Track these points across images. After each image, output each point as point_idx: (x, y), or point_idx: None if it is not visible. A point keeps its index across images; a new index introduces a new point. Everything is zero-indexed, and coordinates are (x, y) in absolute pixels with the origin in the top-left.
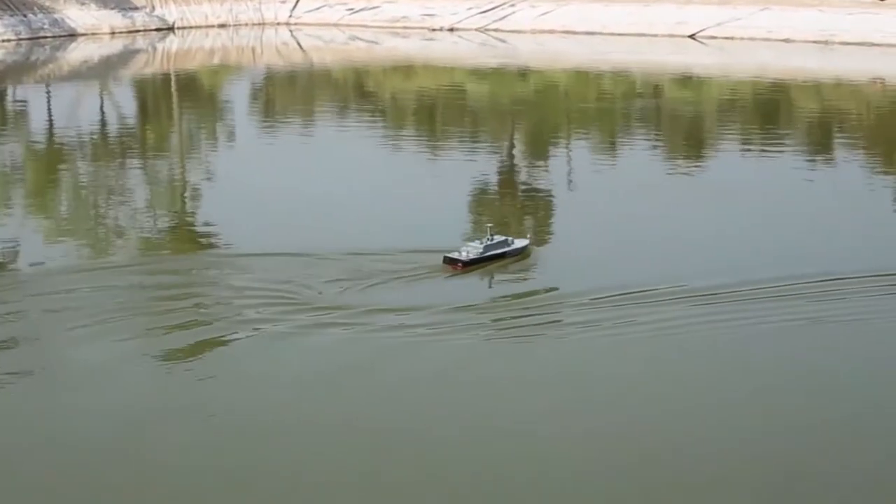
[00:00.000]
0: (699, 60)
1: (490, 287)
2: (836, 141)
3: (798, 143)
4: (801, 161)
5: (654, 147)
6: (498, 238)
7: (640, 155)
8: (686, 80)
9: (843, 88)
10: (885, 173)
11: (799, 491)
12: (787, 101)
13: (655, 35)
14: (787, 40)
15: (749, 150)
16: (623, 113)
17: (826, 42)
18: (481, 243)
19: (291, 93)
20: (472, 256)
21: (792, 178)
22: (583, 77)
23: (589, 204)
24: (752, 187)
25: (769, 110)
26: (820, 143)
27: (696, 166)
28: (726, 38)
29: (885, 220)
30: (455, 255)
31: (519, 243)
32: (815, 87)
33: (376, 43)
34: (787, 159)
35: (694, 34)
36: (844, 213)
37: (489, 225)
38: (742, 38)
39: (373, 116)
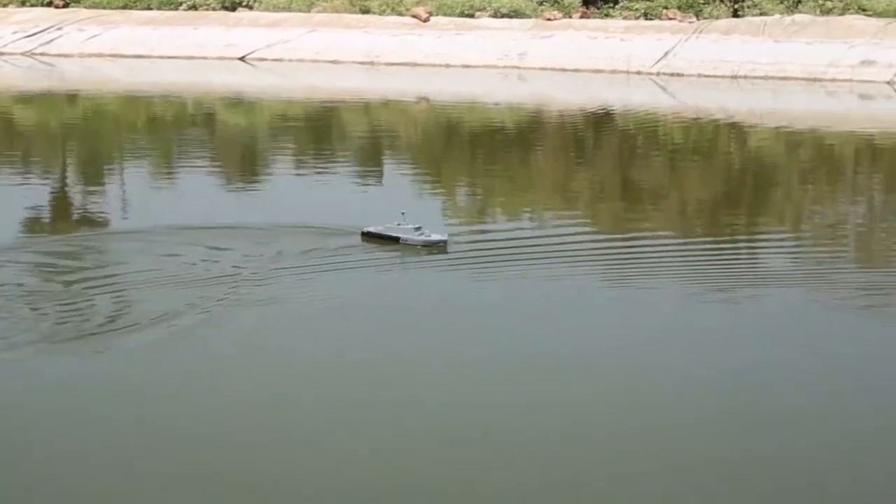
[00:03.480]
0: (250, 83)
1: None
2: (387, 157)
3: (350, 161)
4: (353, 177)
5: (211, 169)
6: (410, 226)
7: (196, 177)
8: (238, 103)
9: (390, 107)
10: (433, 184)
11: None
12: (338, 121)
13: (205, 58)
14: (335, 62)
15: (303, 169)
16: (176, 137)
17: (372, 63)
18: (382, 224)
19: None
20: (369, 230)
21: (343, 193)
22: (133, 101)
23: (144, 224)
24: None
25: (321, 130)
26: (371, 160)
27: (249, 186)
28: (276, 59)
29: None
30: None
31: (435, 237)
32: (364, 107)
33: None
34: (339, 176)
35: (244, 56)
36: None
37: (402, 212)
38: (291, 60)
39: None
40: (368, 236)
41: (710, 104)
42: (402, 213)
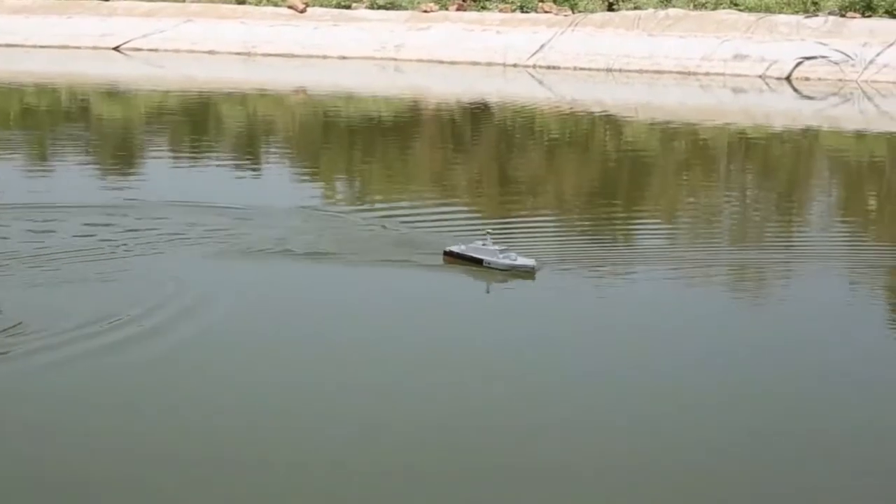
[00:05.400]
0: (125, 73)
1: None
2: (264, 147)
3: (227, 151)
4: (230, 168)
5: (85, 162)
6: (495, 248)
7: (71, 170)
8: (113, 94)
9: (267, 98)
10: (311, 175)
11: None
12: (215, 112)
13: (79, 47)
14: (211, 52)
15: (180, 160)
16: (50, 128)
17: (249, 53)
18: (463, 244)
19: None
20: (451, 249)
21: (220, 182)
22: (4, 92)
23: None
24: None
25: (198, 121)
26: (248, 150)
27: (127, 179)
28: (151, 49)
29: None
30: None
31: (521, 261)
32: (242, 98)
33: None
34: (216, 167)
35: (118, 46)
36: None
37: (488, 231)
38: (167, 50)
39: None
40: (451, 256)
41: (586, 97)
42: (487, 234)
